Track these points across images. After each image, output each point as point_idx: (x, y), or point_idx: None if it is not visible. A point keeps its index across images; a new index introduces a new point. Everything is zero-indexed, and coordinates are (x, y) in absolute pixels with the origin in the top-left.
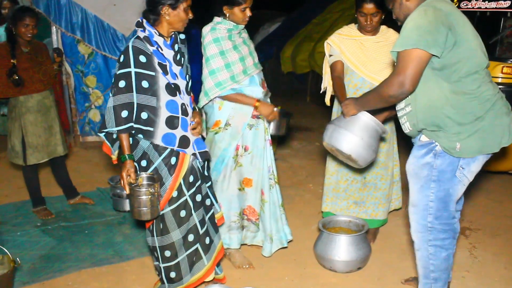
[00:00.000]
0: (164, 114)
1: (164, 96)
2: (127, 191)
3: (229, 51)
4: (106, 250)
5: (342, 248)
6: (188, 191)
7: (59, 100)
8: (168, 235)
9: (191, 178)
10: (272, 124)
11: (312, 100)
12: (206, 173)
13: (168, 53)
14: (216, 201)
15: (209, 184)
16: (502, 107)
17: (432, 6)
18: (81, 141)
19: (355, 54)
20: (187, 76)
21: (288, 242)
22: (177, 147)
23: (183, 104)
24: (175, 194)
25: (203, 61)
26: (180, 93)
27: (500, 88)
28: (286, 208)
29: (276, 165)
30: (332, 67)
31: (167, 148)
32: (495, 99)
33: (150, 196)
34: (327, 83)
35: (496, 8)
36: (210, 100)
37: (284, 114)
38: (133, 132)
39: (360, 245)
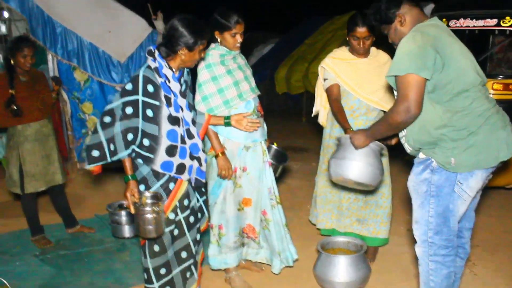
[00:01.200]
0: (164, 142)
1: (166, 125)
2: (132, 210)
3: (222, 76)
4: (106, 278)
5: (342, 269)
6: (182, 213)
7: (57, 128)
8: (163, 254)
9: (185, 202)
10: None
11: (308, 120)
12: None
13: (175, 86)
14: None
15: (204, 198)
16: (497, 121)
17: (420, 31)
18: (79, 168)
19: (350, 76)
20: (191, 105)
21: (294, 261)
22: (174, 173)
23: (182, 134)
24: (171, 216)
25: (196, 86)
26: (182, 124)
27: None
28: None
29: None
30: (329, 90)
31: (166, 174)
32: (489, 114)
33: (154, 215)
34: (319, 106)
35: (483, 26)
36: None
37: (279, 158)
38: (134, 155)
39: (359, 266)
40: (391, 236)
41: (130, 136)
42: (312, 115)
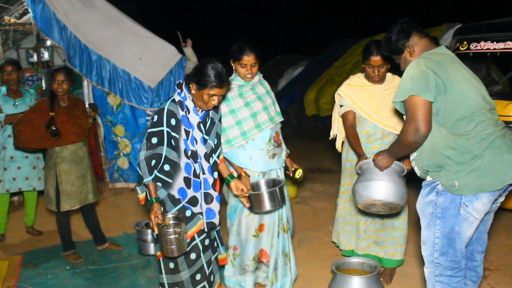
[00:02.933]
0: (182, 173)
1: (183, 158)
2: (155, 231)
3: (240, 108)
4: None
5: None
6: (199, 237)
7: (93, 150)
8: (178, 274)
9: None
10: (265, 200)
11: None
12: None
13: (194, 119)
14: (222, 244)
15: (217, 228)
16: (502, 145)
17: (424, 57)
18: (110, 188)
19: (366, 103)
20: (215, 140)
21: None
22: (185, 202)
23: (196, 169)
24: (189, 240)
25: None
26: (196, 158)
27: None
28: (305, 251)
29: (297, 208)
30: (344, 117)
31: (181, 202)
32: (493, 137)
33: (177, 235)
34: (336, 130)
35: (503, 49)
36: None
37: (271, 184)
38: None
39: (373, 286)
40: (409, 257)
41: (153, 162)
42: (330, 138)
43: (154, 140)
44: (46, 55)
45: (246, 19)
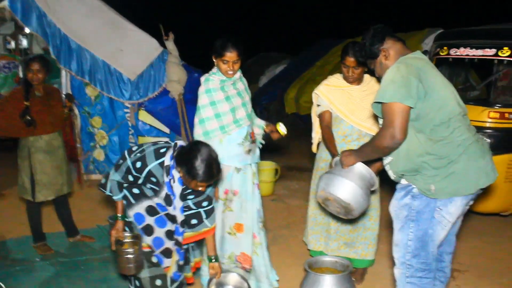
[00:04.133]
0: (150, 202)
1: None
2: (113, 248)
3: (220, 101)
4: (101, 285)
5: None
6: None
7: (71, 140)
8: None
9: None
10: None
11: None
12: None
13: (177, 188)
14: (194, 250)
15: (185, 246)
16: (476, 150)
17: (404, 62)
18: (85, 179)
19: (344, 103)
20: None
21: (277, 281)
22: (141, 228)
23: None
24: (154, 259)
25: (196, 108)
26: (173, 221)
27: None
28: (279, 248)
29: (273, 205)
30: (321, 116)
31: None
32: (469, 143)
33: (134, 255)
34: (314, 133)
35: (482, 55)
36: None
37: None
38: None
39: (344, 285)
40: (380, 257)
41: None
42: (312, 141)
43: (138, 164)
44: (24, 43)
45: (230, 15)
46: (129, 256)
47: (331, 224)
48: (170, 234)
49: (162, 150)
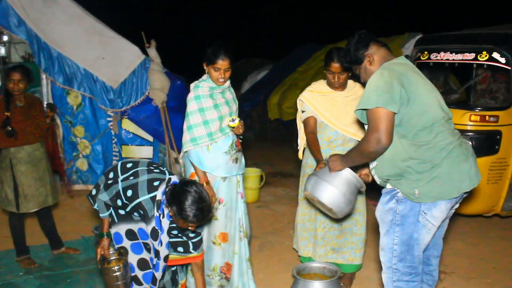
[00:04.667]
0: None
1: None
2: (99, 266)
3: (208, 108)
4: None
5: None
6: None
7: (54, 150)
8: None
9: None
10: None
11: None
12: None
13: (165, 223)
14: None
15: (174, 268)
16: (459, 154)
17: (387, 68)
18: (68, 190)
19: (328, 109)
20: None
21: None
22: (117, 246)
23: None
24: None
25: (185, 114)
26: (157, 256)
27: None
28: (267, 255)
29: (259, 212)
30: (305, 122)
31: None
32: (452, 147)
33: (120, 272)
34: (299, 139)
35: (461, 60)
36: (185, 152)
37: None
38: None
39: None
40: (369, 261)
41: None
42: (298, 148)
43: (129, 193)
44: (2, 51)
45: (212, 22)
46: (116, 274)
47: (318, 230)
48: (142, 264)
49: (156, 183)
